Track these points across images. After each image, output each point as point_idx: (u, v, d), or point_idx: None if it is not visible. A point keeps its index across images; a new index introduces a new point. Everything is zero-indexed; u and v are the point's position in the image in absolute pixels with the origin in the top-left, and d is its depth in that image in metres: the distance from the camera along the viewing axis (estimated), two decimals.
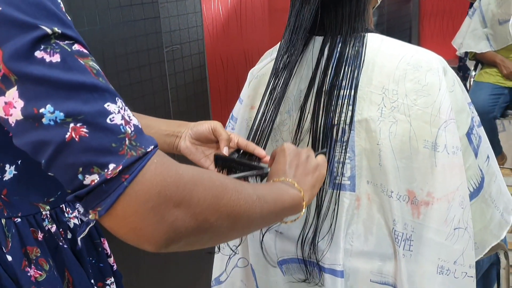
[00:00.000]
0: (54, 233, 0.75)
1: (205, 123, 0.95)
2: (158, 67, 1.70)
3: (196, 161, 0.95)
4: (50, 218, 0.75)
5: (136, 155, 0.55)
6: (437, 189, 0.90)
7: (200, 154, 0.95)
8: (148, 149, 0.57)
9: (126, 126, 0.56)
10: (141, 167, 0.55)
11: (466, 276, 0.92)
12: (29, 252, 0.73)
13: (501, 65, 2.94)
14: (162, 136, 0.96)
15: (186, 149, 0.94)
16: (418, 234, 0.92)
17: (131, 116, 0.58)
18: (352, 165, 0.94)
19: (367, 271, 0.98)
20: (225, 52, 2.09)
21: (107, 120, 0.55)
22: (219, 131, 0.92)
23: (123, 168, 0.54)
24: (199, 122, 0.96)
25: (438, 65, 0.92)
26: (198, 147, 0.95)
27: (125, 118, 0.57)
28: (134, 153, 0.55)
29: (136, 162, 0.55)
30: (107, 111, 0.56)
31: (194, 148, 0.94)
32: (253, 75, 1.08)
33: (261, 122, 0.95)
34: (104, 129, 0.55)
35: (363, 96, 0.92)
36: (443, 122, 0.89)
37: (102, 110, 0.55)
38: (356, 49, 0.93)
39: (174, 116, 1.78)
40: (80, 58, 0.57)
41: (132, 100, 1.61)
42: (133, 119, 0.58)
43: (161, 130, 0.96)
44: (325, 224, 0.96)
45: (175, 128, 0.96)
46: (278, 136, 1.00)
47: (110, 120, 0.55)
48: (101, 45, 1.48)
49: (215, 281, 1.21)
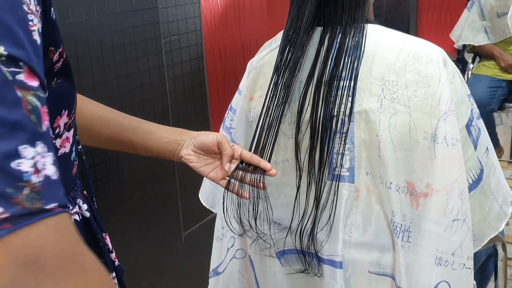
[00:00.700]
0: None
1: (210, 134, 0.95)
2: (155, 58, 1.69)
3: (196, 168, 0.95)
4: None
5: (28, 208, 0.49)
6: (436, 181, 0.90)
7: (201, 162, 0.95)
8: (47, 206, 0.50)
9: (33, 175, 0.50)
10: (28, 223, 0.49)
11: (464, 268, 0.92)
12: None
13: (499, 58, 2.94)
14: (163, 143, 0.96)
15: (188, 157, 0.95)
16: (417, 226, 0.92)
17: (49, 165, 0.52)
18: (352, 156, 0.94)
19: (365, 262, 0.98)
20: (223, 43, 2.08)
21: (12, 164, 0.49)
22: (224, 145, 0.93)
23: (10, 217, 0.48)
24: (204, 132, 0.96)
25: (439, 56, 0.92)
26: (200, 156, 0.95)
27: (37, 166, 0.51)
28: (28, 205, 0.49)
29: (25, 216, 0.49)
30: (17, 154, 0.50)
31: (196, 156, 0.95)
32: (252, 66, 1.07)
33: (265, 121, 0.95)
34: (5, 172, 0.49)
35: (363, 87, 0.92)
36: (443, 113, 0.89)
37: (12, 151, 0.50)
38: (356, 40, 0.93)
39: (172, 107, 1.77)
40: (19, 89, 0.51)
41: (130, 91, 1.60)
42: (47, 170, 0.52)
43: (163, 137, 0.96)
44: (323, 215, 0.96)
45: (177, 136, 0.96)
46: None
47: (16, 165, 0.49)
48: (99, 35, 1.47)
49: (213, 272, 1.21)
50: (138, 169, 1.64)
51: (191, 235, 1.93)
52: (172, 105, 1.78)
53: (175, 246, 1.87)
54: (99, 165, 1.50)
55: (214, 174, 0.95)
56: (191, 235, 1.93)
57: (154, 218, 1.76)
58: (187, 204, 1.87)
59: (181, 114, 1.82)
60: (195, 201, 1.25)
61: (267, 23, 2.30)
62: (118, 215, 1.60)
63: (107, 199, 1.55)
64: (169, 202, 1.82)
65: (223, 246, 1.18)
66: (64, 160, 0.75)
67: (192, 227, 1.93)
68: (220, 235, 1.17)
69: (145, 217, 1.71)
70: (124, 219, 1.61)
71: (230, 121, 1.13)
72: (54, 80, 0.68)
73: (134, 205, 1.66)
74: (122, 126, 0.97)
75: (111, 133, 0.96)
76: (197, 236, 1.95)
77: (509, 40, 2.94)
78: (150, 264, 1.75)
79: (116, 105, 1.55)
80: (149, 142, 0.97)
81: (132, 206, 1.65)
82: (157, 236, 1.77)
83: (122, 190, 1.62)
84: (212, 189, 1.21)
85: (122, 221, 1.61)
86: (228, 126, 1.14)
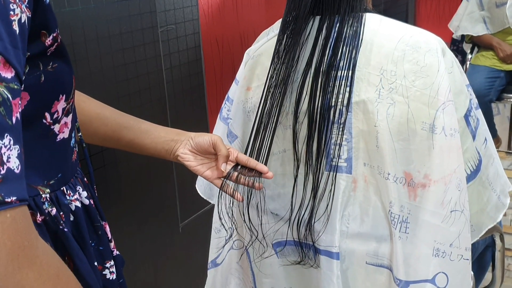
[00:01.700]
0: (54, 216, 0.74)
1: (205, 135, 0.96)
2: (152, 47, 1.68)
3: (191, 167, 0.97)
4: (50, 201, 0.73)
5: None
6: (434, 171, 0.89)
7: (197, 161, 0.97)
8: (6, 199, 0.51)
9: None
10: None
11: (462, 259, 0.92)
12: None
13: (497, 48, 2.93)
14: (160, 142, 0.98)
15: (184, 156, 0.96)
16: (415, 216, 0.91)
17: (14, 159, 0.53)
18: (349, 147, 0.93)
19: (362, 253, 0.98)
20: (220, 32, 2.06)
21: None
22: (219, 146, 0.94)
23: None
24: (200, 133, 0.97)
25: (437, 46, 0.91)
26: (196, 156, 0.97)
27: (2, 158, 0.51)
28: None
29: None
30: None
31: (192, 156, 0.96)
32: (250, 56, 1.06)
33: (264, 112, 0.95)
34: None
35: (361, 77, 0.91)
36: (441, 104, 0.88)
37: None
38: (354, 29, 0.92)
39: (169, 97, 1.76)
40: None
41: (127, 81, 1.59)
42: (11, 163, 0.52)
43: (160, 136, 0.98)
44: (321, 206, 0.95)
45: (174, 136, 0.98)
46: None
47: None
48: (95, 24, 1.46)
49: (212, 264, 1.20)
50: (135, 160, 1.64)
51: (188, 226, 1.92)
52: (169, 95, 1.77)
53: (172, 237, 1.87)
54: (95, 155, 1.49)
55: (210, 173, 0.96)
56: (188, 226, 1.92)
57: (151, 209, 1.75)
58: (184, 195, 1.86)
59: (178, 104, 1.81)
60: (193, 192, 1.24)
61: (265, 12, 2.29)
62: (115, 206, 1.59)
63: (104, 190, 1.55)
64: (166, 193, 1.82)
65: (221, 237, 1.17)
66: (63, 146, 0.75)
67: (189, 218, 1.93)
68: (218, 226, 1.17)
69: (142, 208, 1.71)
70: (121, 210, 1.61)
71: (227, 112, 1.12)
72: (49, 65, 0.67)
73: (131, 196, 1.65)
74: (120, 124, 0.98)
75: (108, 130, 0.98)
76: (194, 227, 1.94)
77: (507, 30, 2.93)
78: (147, 255, 1.75)
79: (113, 95, 1.55)
80: (145, 141, 0.98)
81: (129, 196, 1.65)
82: (154, 227, 1.77)
83: (119, 181, 1.61)
84: None
85: (119, 212, 1.60)
86: (225, 117, 1.13)
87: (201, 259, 1.24)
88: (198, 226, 1.95)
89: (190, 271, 1.95)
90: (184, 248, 1.92)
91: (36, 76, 0.65)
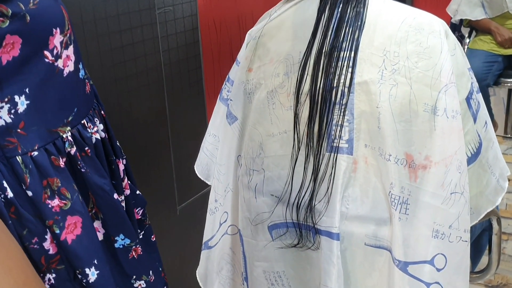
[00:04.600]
0: (73, 155, 0.74)
1: None
2: (150, 29, 1.67)
3: None
4: (71, 141, 0.73)
5: None
6: (435, 153, 0.89)
7: None
8: None
9: None
10: None
11: (461, 241, 0.93)
12: (50, 184, 0.72)
13: (495, 32, 2.93)
14: None
15: None
16: (415, 198, 0.92)
17: None
18: (351, 128, 0.93)
19: (362, 234, 0.98)
20: (218, 14, 2.04)
21: None
22: None
23: None
24: None
25: (440, 28, 0.91)
26: None
27: None
28: None
29: None
30: None
31: None
32: (252, 36, 1.05)
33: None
34: None
35: (364, 58, 0.91)
36: (443, 85, 0.88)
37: None
38: (357, 10, 0.91)
39: (166, 79, 1.75)
40: None
41: (124, 63, 1.57)
42: None
43: None
44: (321, 187, 0.95)
45: None
46: (275, 98, 0.99)
47: None
48: (92, 6, 1.44)
49: (205, 245, 1.21)
50: (132, 143, 1.63)
51: (186, 208, 1.92)
52: (166, 77, 1.75)
53: (170, 220, 1.87)
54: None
55: None
56: (186, 209, 1.93)
57: (149, 191, 1.75)
58: (182, 177, 1.86)
59: (175, 87, 1.80)
60: (190, 174, 1.24)
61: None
62: None
63: None
64: (164, 175, 1.81)
65: (215, 219, 1.17)
66: (72, 79, 0.74)
67: (187, 201, 1.93)
68: (213, 208, 1.17)
69: (140, 190, 1.70)
70: None
71: (227, 92, 1.12)
72: (30, 2, 0.66)
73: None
74: None
75: None
76: (192, 210, 1.95)
77: (506, 15, 2.92)
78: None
79: (110, 77, 1.53)
80: None
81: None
82: (151, 209, 1.77)
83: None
84: (207, 160, 1.20)
85: None
86: (225, 98, 1.12)
87: (199, 242, 1.24)
88: (195, 209, 1.95)
89: (188, 253, 1.96)
90: (181, 231, 1.92)
91: (20, 17, 0.64)
